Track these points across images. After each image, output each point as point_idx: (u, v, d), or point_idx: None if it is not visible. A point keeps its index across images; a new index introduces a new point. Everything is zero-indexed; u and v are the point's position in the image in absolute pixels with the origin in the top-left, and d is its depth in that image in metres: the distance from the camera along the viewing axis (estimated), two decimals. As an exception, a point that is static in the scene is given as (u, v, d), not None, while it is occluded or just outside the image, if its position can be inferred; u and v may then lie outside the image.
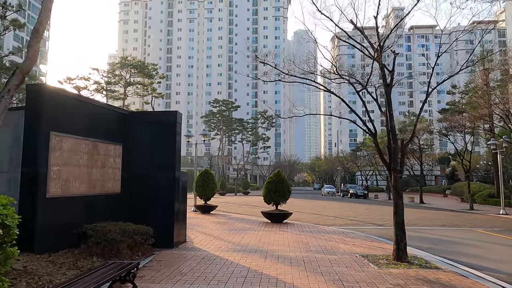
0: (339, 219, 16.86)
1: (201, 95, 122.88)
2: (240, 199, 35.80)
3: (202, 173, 18.13)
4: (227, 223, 13.53)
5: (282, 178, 14.31)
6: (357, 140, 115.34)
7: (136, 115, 8.94)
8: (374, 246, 9.20)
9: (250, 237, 10.17)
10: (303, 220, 15.74)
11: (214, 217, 16.00)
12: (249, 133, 77.25)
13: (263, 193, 14.46)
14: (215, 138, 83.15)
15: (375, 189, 61.60)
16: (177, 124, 8.75)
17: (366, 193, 42.15)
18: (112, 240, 6.65)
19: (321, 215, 18.82)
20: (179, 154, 8.90)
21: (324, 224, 14.60)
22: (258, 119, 75.30)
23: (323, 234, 11.03)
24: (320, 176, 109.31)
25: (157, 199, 8.57)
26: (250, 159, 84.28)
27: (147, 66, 43.26)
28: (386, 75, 8.01)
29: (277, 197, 14.02)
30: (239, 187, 54.45)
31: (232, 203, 27.90)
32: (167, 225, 8.44)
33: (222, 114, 69.46)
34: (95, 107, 7.92)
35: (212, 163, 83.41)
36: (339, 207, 25.16)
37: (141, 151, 8.76)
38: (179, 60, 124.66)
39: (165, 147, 8.70)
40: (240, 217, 16.05)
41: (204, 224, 13.07)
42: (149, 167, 8.69)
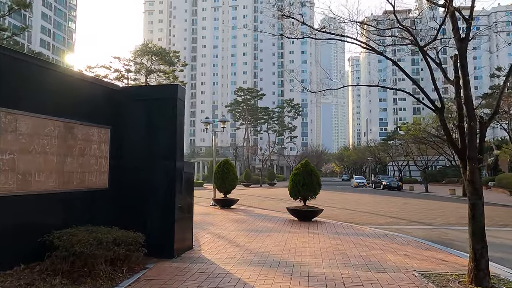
0: (377, 216, 14.69)
1: (226, 85, 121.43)
2: (265, 191, 34.00)
3: (220, 163, 16.35)
4: (247, 221, 11.68)
5: (310, 169, 12.28)
6: (387, 129, 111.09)
7: (129, 91, 7.17)
8: (433, 257, 7.08)
9: (272, 242, 8.27)
10: (335, 218, 13.70)
11: (233, 213, 14.20)
12: (275, 123, 75.16)
13: (289, 186, 12.51)
14: (240, 128, 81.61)
15: (408, 180, 58.30)
16: (179, 102, 6.90)
17: (400, 185, 39.35)
18: (82, 254, 4.90)
19: (355, 210, 16.68)
20: (182, 140, 7.07)
21: (361, 223, 12.52)
22: (284, 107, 72.94)
23: (362, 238, 8.98)
24: (349, 166, 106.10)
25: (154, 196, 6.79)
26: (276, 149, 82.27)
27: (169, 53, 41.82)
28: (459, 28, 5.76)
29: (305, 192, 12.03)
30: (265, 178, 52.70)
31: (255, 196, 26.11)
32: (166, 228, 6.67)
33: (247, 103, 67.60)
34: (73, 79, 6.17)
35: (238, 153, 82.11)
36: (374, 201, 22.86)
37: (134, 136, 6.99)
38: (204, 49, 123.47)
39: (164, 130, 6.88)
40: (263, 213, 14.18)
41: (220, 223, 11.27)
42: (145, 156, 6.91)
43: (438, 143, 30.69)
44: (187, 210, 7.31)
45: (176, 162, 6.79)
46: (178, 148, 6.87)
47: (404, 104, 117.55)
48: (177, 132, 6.83)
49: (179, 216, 6.86)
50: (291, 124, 77.73)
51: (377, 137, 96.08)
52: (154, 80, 41.43)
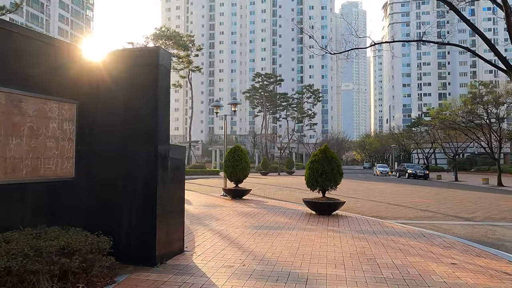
0: (406, 209, 13.00)
1: (245, 71, 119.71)
2: (283, 180, 32.53)
3: (231, 150, 14.93)
4: (257, 215, 10.24)
5: (331, 155, 10.69)
6: (411, 115, 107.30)
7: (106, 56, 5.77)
8: (490, 267, 5.46)
9: (283, 243, 6.80)
10: (358, 211, 12.12)
11: (244, 204, 12.80)
12: (294, 109, 73.17)
13: (306, 175, 10.98)
14: (258, 115, 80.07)
15: (434, 168, 55.68)
16: (161, 70, 5.44)
17: (427, 174, 37.11)
18: (10, 270, 3.55)
19: (380, 202, 15.01)
20: (166, 119, 5.63)
21: (388, 217, 10.91)
22: (304, 93, 70.74)
23: (393, 238, 7.40)
24: (370, 154, 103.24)
25: (131, 188, 5.41)
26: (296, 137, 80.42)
27: (182, 37, 40.42)
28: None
29: (324, 181, 10.47)
30: (283, 167, 51.18)
31: (272, 185, 24.68)
32: (145, 229, 5.29)
33: (265, 89, 65.79)
34: (21, 37, 4.77)
35: (256, 141, 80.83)
36: (401, 191, 21.04)
37: (108, 113, 5.59)
38: (222, 36, 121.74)
39: (144, 106, 5.45)
40: (277, 205, 12.72)
41: (226, 217, 9.88)
42: (121, 139, 5.52)
43: (471, 128, 28.35)
44: (175, 205, 5.90)
45: (158, 146, 5.36)
46: (161, 129, 5.43)
47: (429, 89, 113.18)
48: (159, 108, 5.38)
49: (163, 213, 5.46)
50: (311, 111, 75.49)
51: (401, 124, 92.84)
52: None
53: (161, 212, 5.42)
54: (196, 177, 35.47)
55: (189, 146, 47.84)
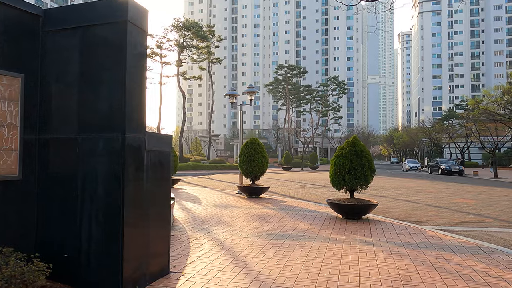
0: (449, 212, 11.15)
1: (268, 65, 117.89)
2: (306, 176, 30.84)
3: (247, 144, 13.44)
4: (272, 219, 8.72)
5: (361, 149, 9.02)
6: (442, 109, 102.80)
7: (52, 13, 4.37)
8: None
9: (301, 261, 5.27)
10: (392, 214, 10.42)
11: (259, 204, 11.31)
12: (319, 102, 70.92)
13: (330, 172, 9.36)
14: (282, 109, 78.32)
15: (468, 164, 52.42)
16: (131, 29, 3.97)
17: (462, 169, 34.47)
18: None
19: (416, 203, 13.17)
20: (140, 98, 4.17)
21: (429, 222, 9.16)
22: (328, 85, 68.31)
23: (444, 255, 5.72)
24: (398, 149, 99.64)
25: (91, 190, 3.99)
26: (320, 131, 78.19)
27: (202, 27, 39.11)
28: None
29: (353, 180, 8.81)
30: (307, 161, 49.36)
31: (293, 181, 23.08)
32: (108, 244, 3.87)
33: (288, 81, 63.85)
34: None
35: (279, 135, 79.26)
36: (436, 190, 19.00)
37: (63, 90, 4.19)
38: (245, 29, 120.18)
39: (108, 81, 4.01)
40: (298, 206, 11.16)
41: (235, 221, 8.41)
42: (78, 124, 4.10)
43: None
44: (155, 213, 4.46)
45: (127, 133, 3.91)
46: (130, 111, 3.98)
47: (462, 81, 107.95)
48: (127, 82, 3.92)
49: (135, 222, 4.03)
50: (336, 104, 72.95)
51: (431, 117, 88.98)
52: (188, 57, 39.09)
53: (132, 222, 3.99)
54: (215, 172, 34.30)
55: (209, 140, 46.82)
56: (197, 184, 20.55)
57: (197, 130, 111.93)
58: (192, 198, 12.61)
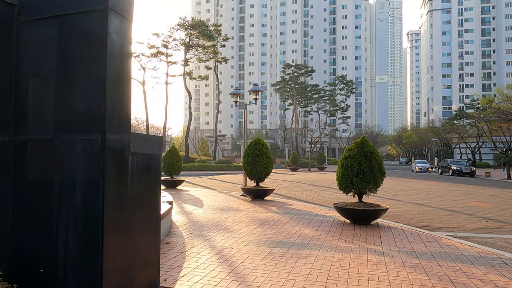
0: (463, 216, 10.59)
1: (275, 64, 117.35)
2: (313, 176, 30.31)
3: (251, 144, 13.00)
4: (276, 224, 8.26)
5: (370, 150, 8.52)
6: (452, 108, 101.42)
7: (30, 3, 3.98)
8: None
9: (305, 274, 4.81)
10: (403, 218, 9.90)
11: (264, 207, 10.86)
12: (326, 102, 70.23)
13: (338, 174, 8.88)
14: (289, 108, 77.79)
15: (479, 164, 51.38)
16: (112, 18, 3.55)
17: (474, 170, 33.64)
18: None
19: (428, 206, 12.61)
20: (124, 95, 3.75)
21: (443, 228, 8.64)
22: (336, 85, 67.57)
23: (463, 267, 5.22)
24: (407, 149, 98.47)
25: (67, 198, 3.57)
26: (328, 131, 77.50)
27: (208, 26, 38.77)
28: None
29: (361, 183, 8.32)
30: (314, 162, 48.78)
31: (300, 183, 22.58)
32: (86, 257, 3.45)
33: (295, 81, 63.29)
34: None
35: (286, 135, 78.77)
36: (449, 192, 18.38)
37: (40, 87, 3.78)
38: (252, 28, 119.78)
39: (86, 76, 3.58)
40: (303, 209, 10.69)
41: (237, 226, 7.96)
42: (54, 126, 3.69)
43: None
44: (142, 222, 4.03)
45: (107, 134, 3.48)
46: (112, 108, 3.55)
47: (472, 80, 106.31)
48: (107, 77, 3.50)
49: (117, 233, 3.61)
50: (344, 103, 72.16)
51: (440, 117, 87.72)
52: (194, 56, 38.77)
53: (114, 231, 3.56)
54: (221, 172, 33.92)
55: (215, 140, 46.46)
56: (201, 185, 20.17)
57: (204, 130, 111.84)
58: (194, 201, 12.21)
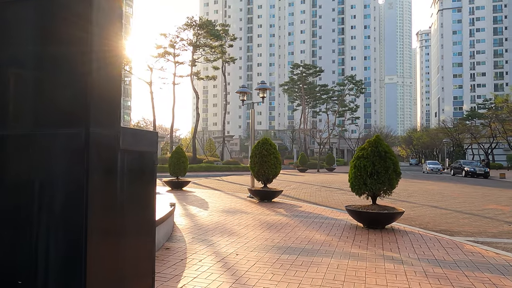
0: (483, 220, 10.00)
1: (283, 65, 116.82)
2: (322, 178, 29.75)
3: (258, 144, 12.54)
4: (284, 228, 7.79)
5: (384, 149, 8.00)
6: (463, 108, 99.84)
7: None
8: None
9: (316, 286, 4.32)
10: (419, 222, 9.35)
11: (271, 209, 10.39)
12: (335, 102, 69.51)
13: (350, 175, 8.37)
14: (297, 109, 77.24)
15: (492, 165, 50.23)
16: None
17: (488, 171, 32.77)
18: None
19: (445, 209, 12.02)
20: (117, 85, 3.29)
21: (462, 233, 8.08)
22: (345, 85, 66.82)
23: (492, 277, 4.70)
24: (417, 150, 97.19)
25: (47, 203, 3.14)
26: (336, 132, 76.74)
27: (215, 26, 38.46)
28: None
29: (375, 184, 7.81)
30: (323, 163, 48.16)
31: (309, 184, 22.06)
32: (68, 271, 2.99)
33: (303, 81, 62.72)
34: None
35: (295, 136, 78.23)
36: (464, 194, 17.71)
37: (18, 75, 3.35)
38: (260, 29, 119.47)
39: (71, 61, 3.14)
40: (313, 212, 10.19)
41: (243, 230, 7.50)
42: (36, 118, 3.26)
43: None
44: (133, 228, 3.58)
45: (91, 129, 3.02)
46: (96, 100, 3.10)
47: (484, 79, 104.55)
48: (93, 60, 3.05)
49: (103, 241, 3.15)
50: (353, 104, 71.35)
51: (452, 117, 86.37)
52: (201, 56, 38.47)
53: (100, 239, 3.10)
54: (229, 173, 33.51)
55: (223, 141, 46.08)
56: (207, 186, 19.78)
57: (212, 131, 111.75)
58: (199, 202, 11.79)
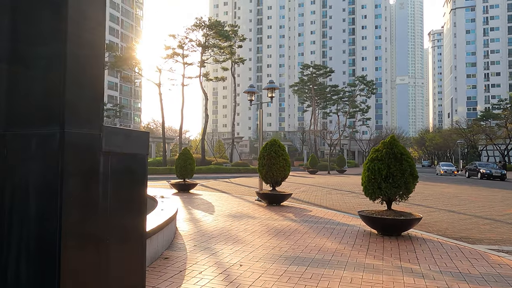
0: (505, 226, 9.38)
1: (293, 66, 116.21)
2: (333, 180, 29.15)
3: (266, 145, 12.09)
4: (293, 235, 7.32)
5: (400, 151, 7.48)
6: (477, 109, 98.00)
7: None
8: None
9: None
10: (437, 228, 8.79)
11: (280, 214, 9.93)
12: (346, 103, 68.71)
13: (363, 178, 7.87)
14: (307, 110, 76.59)
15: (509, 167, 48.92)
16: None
17: (505, 173, 31.78)
18: None
19: (463, 214, 11.40)
20: (99, 80, 2.89)
21: (484, 240, 7.51)
22: (356, 85, 65.98)
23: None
24: (430, 151, 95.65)
25: (23, 209, 2.75)
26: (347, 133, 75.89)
27: (224, 26, 38.17)
28: None
29: (391, 188, 7.30)
30: (333, 164, 47.48)
31: (319, 186, 21.52)
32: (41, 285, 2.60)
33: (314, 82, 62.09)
34: None
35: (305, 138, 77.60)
36: (482, 197, 16.99)
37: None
38: (270, 30, 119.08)
39: (45, 52, 2.75)
40: (323, 217, 9.70)
41: (249, 237, 7.06)
42: (8, 117, 2.87)
43: None
44: (119, 239, 3.18)
45: (67, 129, 2.63)
46: (73, 96, 2.70)
47: (498, 79, 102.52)
48: (68, 51, 2.66)
49: (82, 255, 2.75)
50: (364, 105, 70.41)
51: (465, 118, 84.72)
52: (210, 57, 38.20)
53: (78, 255, 2.71)
54: (238, 175, 33.09)
55: (232, 142, 45.73)
56: (215, 188, 19.39)
57: (222, 133, 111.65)
58: (206, 206, 11.38)
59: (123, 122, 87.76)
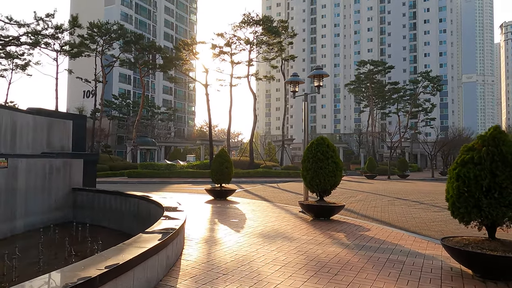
0: None
1: (349, 65, 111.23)
2: (395, 186, 25.76)
3: (312, 145, 9.74)
4: (342, 273, 4.97)
5: (508, 150, 4.84)
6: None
7: None
8: None
9: None
10: None
11: (327, 234, 7.55)
12: (407, 102, 63.43)
13: (449, 190, 5.30)
14: (364, 111, 72.17)
15: None
16: None
17: None
18: None
19: None
20: None
21: None
22: (419, 82, 60.58)
23: None
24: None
25: None
26: (409, 135, 70.24)
27: (273, 22, 36.18)
28: None
29: (498, 207, 4.70)
30: (394, 169, 43.35)
31: (379, 194, 18.56)
32: None
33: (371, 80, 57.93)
34: None
35: (362, 140, 73.16)
36: None
37: None
38: (324, 29, 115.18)
39: None
40: (388, 240, 7.17)
41: (274, 275, 4.82)
42: None
43: None
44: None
45: None
46: None
47: None
48: None
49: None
50: (429, 103, 64.46)
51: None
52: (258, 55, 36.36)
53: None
54: (287, 179, 30.76)
55: (282, 144, 43.47)
56: (258, 195, 17.30)
57: (275, 135, 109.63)
58: (236, 219, 9.31)
59: (177, 125, 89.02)
